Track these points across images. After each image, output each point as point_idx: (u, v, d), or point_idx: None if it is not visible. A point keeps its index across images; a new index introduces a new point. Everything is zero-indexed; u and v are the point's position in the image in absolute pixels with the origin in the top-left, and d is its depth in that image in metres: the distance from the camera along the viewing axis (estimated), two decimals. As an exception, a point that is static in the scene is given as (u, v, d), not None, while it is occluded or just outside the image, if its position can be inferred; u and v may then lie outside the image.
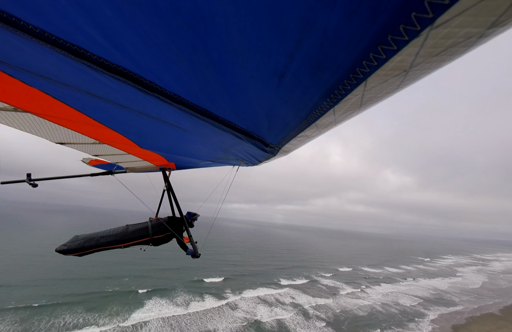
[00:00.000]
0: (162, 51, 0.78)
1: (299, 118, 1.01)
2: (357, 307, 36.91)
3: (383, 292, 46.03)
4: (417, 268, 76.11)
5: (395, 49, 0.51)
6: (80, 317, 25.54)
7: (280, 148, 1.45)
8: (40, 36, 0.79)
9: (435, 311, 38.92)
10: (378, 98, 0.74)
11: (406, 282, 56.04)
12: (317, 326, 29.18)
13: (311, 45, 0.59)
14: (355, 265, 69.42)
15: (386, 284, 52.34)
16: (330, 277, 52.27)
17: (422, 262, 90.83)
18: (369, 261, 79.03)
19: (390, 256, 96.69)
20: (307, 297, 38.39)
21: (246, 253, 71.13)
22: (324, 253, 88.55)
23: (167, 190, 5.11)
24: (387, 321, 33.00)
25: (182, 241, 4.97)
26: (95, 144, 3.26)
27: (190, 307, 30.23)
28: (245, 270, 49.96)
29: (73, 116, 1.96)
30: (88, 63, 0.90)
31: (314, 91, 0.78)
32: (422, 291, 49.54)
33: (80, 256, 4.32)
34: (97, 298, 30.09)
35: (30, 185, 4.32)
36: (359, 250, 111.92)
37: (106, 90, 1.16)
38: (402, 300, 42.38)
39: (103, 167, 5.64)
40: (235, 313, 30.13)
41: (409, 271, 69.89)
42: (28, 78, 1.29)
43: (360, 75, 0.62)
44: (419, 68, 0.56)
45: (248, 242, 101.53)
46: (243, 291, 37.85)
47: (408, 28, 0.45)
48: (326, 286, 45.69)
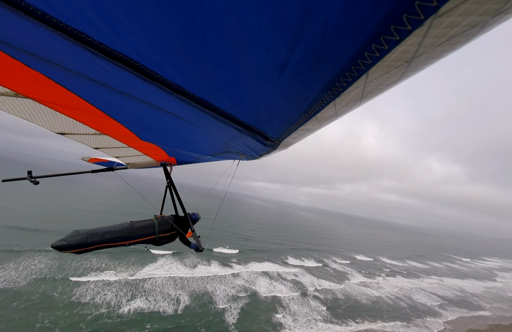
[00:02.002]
0: (162, 41, 0.77)
1: (299, 112, 0.99)
2: (363, 295, 35.80)
3: (397, 285, 43.50)
4: (448, 267, 69.32)
5: (397, 39, 0.49)
6: (104, 262, 30.00)
7: (280, 142, 1.44)
8: (42, 18, 0.79)
9: (453, 312, 35.65)
10: (380, 90, 0.73)
11: (428, 279, 51.82)
12: (311, 304, 29.38)
13: (312, 36, 0.58)
14: (375, 255, 66.21)
15: (403, 278, 49.18)
16: (343, 264, 50.92)
17: (456, 261, 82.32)
18: (393, 253, 74.51)
19: (419, 251, 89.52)
20: (311, 278, 38.49)
21: (262, 230, 72.95)
22: (344, 240, 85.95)
23: (169, 186, 5.05)
24: (391, 314, 31.45)
25: (186, 237, 5.01)
26: (96, 135, 3.26)
27: (196, 270, 32.95)
28: (257, 246, 51.41)
29: (75, 103, 1.97)
30: (89, 48, 0.90)
31: (315, 84, 0.77)
32: (444, 290, 45.42)
33: (78, 253, 3.86)
34: (120, 250, 34.69)
35: (31, 182, 4.21)
36: (385, 241, 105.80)
37: (108, 76, 1.17)
38: (416, 296, 39.61)
39: (103, 164, 5.76)
40: (235, 281, 31.99)
41: (436, 268, 64.16)
42: (30, 61, 1.29)
43: (362, 67, 0.61)
44: (421, 59, 0.55)
45: (266, 219, 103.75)
46: (249, 263, 39.53)
47: (412, 18, 0.44)
48: (335, 271, 44.93)
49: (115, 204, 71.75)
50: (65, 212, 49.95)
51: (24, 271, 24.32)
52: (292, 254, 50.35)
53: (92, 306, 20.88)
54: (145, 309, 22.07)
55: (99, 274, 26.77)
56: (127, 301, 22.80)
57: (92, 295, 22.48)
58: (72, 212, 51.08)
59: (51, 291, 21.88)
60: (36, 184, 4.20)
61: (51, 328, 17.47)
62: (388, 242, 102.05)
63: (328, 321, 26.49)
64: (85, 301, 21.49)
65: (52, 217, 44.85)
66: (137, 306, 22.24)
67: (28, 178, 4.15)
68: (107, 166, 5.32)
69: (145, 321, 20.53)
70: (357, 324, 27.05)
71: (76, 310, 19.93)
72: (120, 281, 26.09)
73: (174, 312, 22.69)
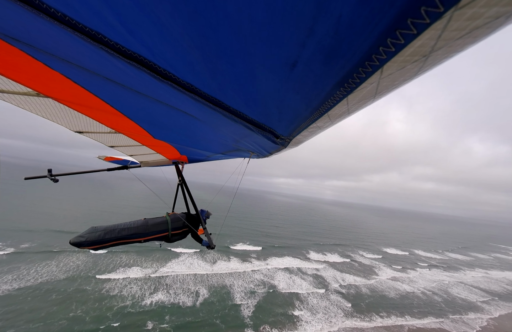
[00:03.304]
0: (175, 40, 0.79)
1: (310, 109, 0.99)
2: (391, 290, 33.43)
3: (433, 279, 39.83)
4: (496, 258, 61.49)
5: (415, 33, 0.47)
6: (132, 258, 32.45)
7: (290, 140, 1.44)
8: (62, 19, 0.83)
9: (500, 307, 31.52)
10: (395, 86, 0.71)
11: (472, 272, 46.53)
12: (331, 299, 28.29)
13: (325, 31, 0.57)
14: (409, 248, 61.64)
15: (441, 271, 44.86)
16: (372, 258, 48.26)
17: (509, 252, 72.60)
18: (430, 246, 68.72)
19: (462, 242, 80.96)
20: (334, 273, 37.09)
21: (284, 226, 72.33)
22: (374, 233, 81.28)
23: (181, 184, 5.15)
24: (422, 309, 28.87)
25: (197, 234, 5.10)
26: (111, 134, 3.39)
27: (216, 266, 33.85)
28: (279, 242, 51.05)
29: (91, 102, 2.06)
30: (106, 48, 0.93)
31: (326, 80, 0.76)
32: (490, 284, 40.40)
33: (95, 250, 4.01)
34: (146, 248, 37.13)
35: (51, 180, 4.39)
36: (422, 233, 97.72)
37: (122, 76, 1.21)
38: (455, 290, 35.83)
39: (118, 163, 5.99)
40: (254, 276, 32.19)
41: (481, 260, 57.35)
42: (50, 61, 1.35)
43: (376, 62, 0.60)
44: (440, 53, 0.52)
45: (288, 215, 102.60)
46: (269, 258, 39.44)
47: (430, 10, 0.42)
48: (361, 265, 42.71)
49: (142, 205, 77.07)
50: (99, 214, 55.11)
51: (64, 267, 27.40)
52: (315, 249, 49.04)
53: (118, 298, 22.72)
54: (165, 302, 23.36)
55: (127, 270, 29.01)
56: (150, 294, 24.36)
57: (119, 289, 24.47)
58: (104, 214, 56.18)
59: (85, 285, 24.31)
60: (56, 181, 4.42)
61: (83, 317, 19.44)
62: (425, 234, 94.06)
63: (348, 315, 25.28)
64: (113, 293, 23.46)
65: (89, 219, 49.81)
66: (159, 299, 23.63)
67: (48, 175, 4.39)
68: (122, 164, 5.57)
69: (165, 312, 21.73)
70: (382, 319, 25.37)
71: (105, 302, 21.87)
72: (145, 276, 27.97)
73: (193, 304, 23.66)
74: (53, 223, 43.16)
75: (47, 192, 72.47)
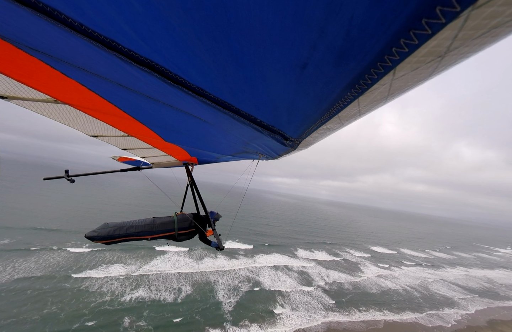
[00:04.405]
0: (187, 45, 0.80)
1: (320, 111, 0.98)
2: (373, 286, 34.15)
3: (415, 276, 40.83)
4: (478, 257, 63.47)
5: (429, 33, 0.46)
6: (115, 255, 32.09)
7: (300, 142, 1.44)
8: (78, 29, 0.86)
9: (475, 303, 32.64)
10: (408, 87, 0.70)
11: (453, 270, 47.92)
12: (313, 294, 28.71)
13: (336, 33, 0.56)
14: (397, 247, 62.75)
15: (424, 269, 46.03)
16: (359, 256, 48.95)
17: (493, 252, 75.04)
18: (417, 246, 70.20)
19: (448, 243, 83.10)
20: (319, 269, 37.57)
21: (277, 225, 72.43)
22: (364, 233, 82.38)
23: (190, 184, 5.24)
24: (401, 304, 29.63)
25: (206, 236, 5.19)
26: (124, 137, 3.51)
27: (202, 263, 33.77)
28: (269, 240, 51.06)
29: (105, 108, 2.13)
30: (119, 55, 0.96)
31: (337, 82, 0.75)
32: (469, 281, 41.71)
33: (107, 244, 4.31)
34: (131, 246, 36.75)
35: (68, 180, 4.55)
36: (411, 233, 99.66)
37: (135, 82, 1.23)
38: (434, 287, 36.86)
39: (131, 163, 6.17)
40: (240, 273, 32.30)
41: (463, 259, 59.13)
42: (67, 70, 1.40)
43: (389, 63, 0.58)
44: (456, 53, 0.51)
45: (282, 214, 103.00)
46: (257, 256, 39.53)
47: (446, 10, 0.40)
48: (348, 263, 43.35)
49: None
50: (86, 212, 54.18)
51: (43, 264, 26.87)
52: (304, 247, 49.46)
53: (97, 295, 22.48)
54: (146, 298, 23.24)
55: (109, 267, 28.67)
56: (131, 290, 24.18)
57: (99, 285, 24.19)
58: (90, 212, 55.29)
59: (64, 281, 23.92)
60: (72, 182, 4.58)
61: (57, 313, 19.16)
62: (415, 234, 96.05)
63: (328, 310, 25.72)
64: (93, 290, 23.19)
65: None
66: (139, 295, 23.49)
67: (65, 176, 4.58)
68: (134, 165, 5.69)
69: (144, 308, 21.63)
70: (360, 313, 25.93)
71: (83, 298, 21.60)
72: (128, 273, 27.72)
73: (174, 301, 23.60)
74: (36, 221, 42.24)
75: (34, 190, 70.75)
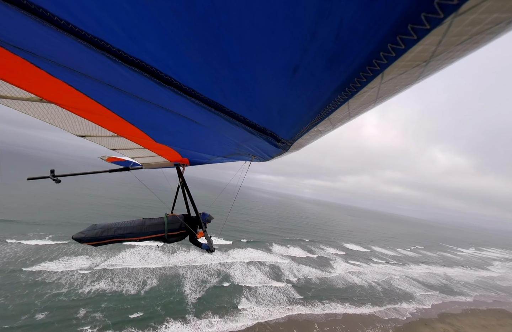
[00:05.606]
0: (177, 45, 0.79)
1: (312, 113, 0.99)
2: (340, 280, 35.65)
3: (381, 272, 43.12)
4: (441, 256, 68.22)
5: (415, 38, 0.48)
6: (81, 247, 30.74)
7: (292, 144, 1.44)
8: (65, 27, 0.83)
9: (430, 297, 35.18)
10: (396, 90, 0.71)
11: (417, 267, 51.14)
12: (280, 288, 29.48)
13: (326, 36, 0.57)
14: (370, 245, 65.41)
15: (390, 266, 48.63)
16: (332, 253, 50.47)
17: (457, 252, 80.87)
18: (389, 244, 73.53)
19: (418, 242, 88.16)
20: (291, 264, 38.53)
21: (257, 221, 72.77)
22: (341, 231, 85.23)
23: (182, 186, 5.17)
24: (363, 297, 31.22)
25: (196, 238, 5.12)
26: (113, 137, 3.43)
27: (173, 257, 33.37)
28: (248, 236, 51.02)
29: (93, 108, 2.08)
30: (108, 55, 0.93)
31: (328, 84, 0.76)
32: (427, 278, 44.76)
33: (95, 246, 4.19)
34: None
35: (54, 180, 4.35)
36: (386, 232, 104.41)
37: (124, 82, 1.21)
38: (396, 283, 39.18)
39: (120, 164, 5.98)
40: (211, 267, 32.33)
41: (428, 257, 63.20)
42: (53, 69, 1.37)
43: (377, 67, 0.60)
44: (440, 58, 0.53)
45: (265, 211, 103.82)
46: (231, 250, 39.65)
47: (430, 16, 0.42)
48: (320, 258, 44.72)
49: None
50: (65, 204, 51.44)
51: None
52: (281, 243, 50.29)
53: (54, 286, 21.53)
54: (107, 290, 22.62)
55: (72, 258, 27.53)
56: (92, 282, 23.41)
57: (58, 277, 23.16)
58: (71, 203, 52.60)
59: (19, 273, 22.67)
60: (58, 182, 4.34)
61: (5, 304, 18.14)
62: (389, 234, 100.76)
63: (293, 303, 26.54)
64: (50, 281, 22.18)
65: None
66: (99, 287, 22.80)
67: (51, 176, 4.33)
68: (124, 166, 5.53)
69: (103, 300, 21.03)
70: (323, 305, 27.03)
71: (37, 289, 20.60)
72: (91, 265, 26.79)
73: (137, 293, 23.18)
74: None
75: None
